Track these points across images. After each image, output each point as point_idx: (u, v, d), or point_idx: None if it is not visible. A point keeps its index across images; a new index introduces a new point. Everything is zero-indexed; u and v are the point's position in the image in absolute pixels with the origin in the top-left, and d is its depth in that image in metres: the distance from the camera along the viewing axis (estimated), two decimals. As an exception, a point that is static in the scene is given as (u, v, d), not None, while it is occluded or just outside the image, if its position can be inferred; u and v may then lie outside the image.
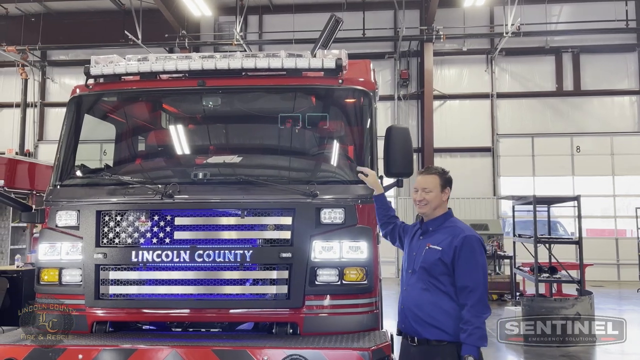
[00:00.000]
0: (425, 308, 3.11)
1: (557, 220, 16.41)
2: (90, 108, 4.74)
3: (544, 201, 9.75)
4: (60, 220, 4.09)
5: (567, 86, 18.30)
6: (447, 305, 3.11)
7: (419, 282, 3.18)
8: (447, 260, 3.11)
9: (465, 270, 3.08)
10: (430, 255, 3.17)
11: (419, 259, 3.23)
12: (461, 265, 3.08)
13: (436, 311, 3.08)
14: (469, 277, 3.07)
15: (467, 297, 3.04)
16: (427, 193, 3.27)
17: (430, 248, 3.19)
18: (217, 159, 4.55)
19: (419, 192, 3.31)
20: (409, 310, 3.19)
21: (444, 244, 3.17)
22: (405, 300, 3.23)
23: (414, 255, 3.31)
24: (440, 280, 3.12)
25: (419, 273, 3.20)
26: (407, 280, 3.28)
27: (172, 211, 3.96)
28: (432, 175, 3.34)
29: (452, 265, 3.11)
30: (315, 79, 4.46)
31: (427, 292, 3.14)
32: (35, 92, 19.75)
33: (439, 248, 3.16)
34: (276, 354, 3.42)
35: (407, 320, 3.22)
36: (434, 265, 3.13)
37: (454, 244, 3.13)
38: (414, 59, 18.91)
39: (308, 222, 3.92)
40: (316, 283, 3.88)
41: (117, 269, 3.97)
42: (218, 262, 3.88)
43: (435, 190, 3.29)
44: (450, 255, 3.11)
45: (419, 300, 3.15)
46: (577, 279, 8.44)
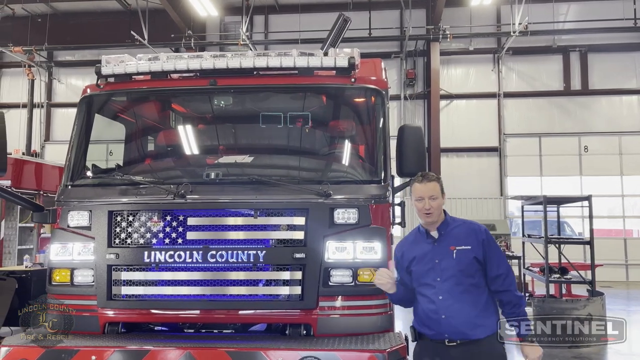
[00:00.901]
0: (469, 311, 3.11)
1: (564, 220, 16.32)
2: (101, 108, 4.72)
3: (554, 201, 9.67)
4: (72, 220, 4.06)
5: (574, 85, 18.19)
6: (485, 300, 3.17)
7: (457, 286, 3.13)
8: (480, 256, 3.17)
9: (497, 259, 3.20)
10: (463, 256, 3.15)
11: (450, 264, 3.16)
12: (492, 255, 3.19)
13: (479, 310, 3.13)
14: (502, 265, 3.20)
15: (504, 283, 3.16)
16: (433, 200, 3.22)
17: (459, 249, 3.16)
18: (229, 158, 4.52)
19: (425, 200, 3.22)
20: (452, 317, 3.11)
21: (470, 241, 3.18)
22: (445, 308, 3.12)
23: (436, 262, 3.20)
24: (475, 278, 3.16)
25: (455, 277, 3.14)
26: (439, 289, 3.16)
27: (185, 211, 3.93)
28: (433, 182, 3.27)
29: (484, 259, 3.17)
30: (327, 78, 4.42)
31: (466, 294, 3.13)
32: (42, 92, 19.82)
33: (468, 247, 3.16)
34: (291, 355, 3.39)
35: (450, 326, 3.11)
36: (470, 265, 3.15)
37: (480, 239, 3.19)
38: (420, 59, 18.85)
39: (321, 222, 3.88)
40: (330, 284, 3.84)
41: (130, 270, 3.94)
42: (231, 263, 3.85)
43: (439, 198, 3.25)
44: (480, 250, 3.17)
45: (462, 304, 3.11)
46: (588, 280, 8.37)
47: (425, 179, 3.28)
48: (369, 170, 4.30)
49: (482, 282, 3.19)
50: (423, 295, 3.23)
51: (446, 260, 3.18)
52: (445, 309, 3.12)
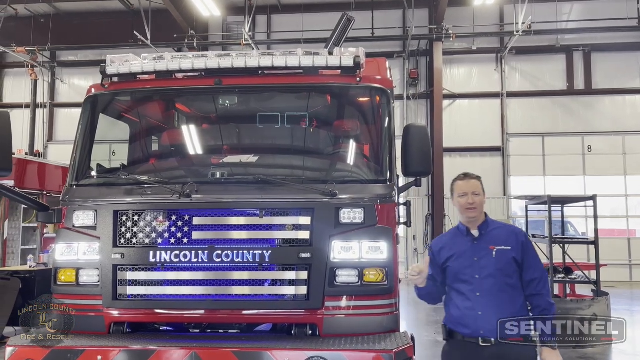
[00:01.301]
0: (507, 309, 3.18)
1: (567, 220, 16.28)
2: (105, 107, 4.72)
3: (558, 201, 9.65)
4: (78, 220, 4.06)
5: (578, 85, 18.15)
6: (521, 303, 3.24)
7: (495, 284, 3.21)
8: (519, 258, 3.25)
9: (534, 263, 3.29)
10: (503, 255, 3.24)
11: (490, 262, 3.25)
12: (530, 258, 3.28)
13: (515, 310, 3.20)
14: (537, 269, 3.29)
15: (538, 287, 3.24)
16: (476, 196, 3.33)
17: (499, 249, 3.26)
18: (234, 158, 4.51)
19: (469, 196, 3.33)
20: (489, 314, 3.17)
21: (510, 242, 3.27)
22: (481, 305, 3.20)
23: (475, 260, 3.28)
24: (513, 278, 3.24)
25: (494, 276, 3.22)
26: (477, 286, 3.24)
27: (190, 211, 3.93)
28: (475, 179, 3.40)
29: (522, 261, 3.26)
30: (332, 77, 4.41)
31: (504, 293, 3.21)
32: (45, 92, 19.84)
33: (508, 247, 3.25)
34: (297, 355, 3.38)
35: (487, 323, 3.17)
36: (509, 265, 3.23)
37: (520, 240, 3.29)
38: (423, 58, 18.83)
39: (327, 222, 3.87)
40: (336, 284, 3.83)
41: (135, 270, 3.93)
42: (237, 263, 3.84)
43: (481, 195, 3.36)
44: (520, 251, 3.26)
45: (498, 302, 3.19)
46: (593, 280, 8.34)
47: (467, 177, 3.42)
48: (375, 170, 4.29)
49: (518, 284, 3.26)
50: (459, 292, 3.30)
51: (486, 258, 3.26)
52: (482, 305, 3.20)
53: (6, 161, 3.87)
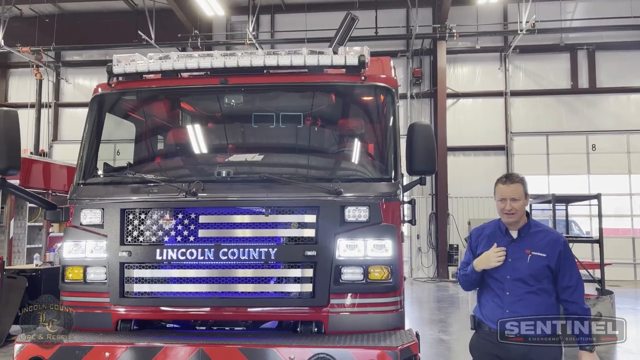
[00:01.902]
0: (534, 311, 3.25)
1: (571, 219, 16.26)
2: (112, 107, 4.74)
3: (563, 200, 9.64)
4: (85, 218, 4.08)
5: (582, 84, 18.12)
6: (549, 304, 3.29)
7: (525, 287, 3.27)
8: (553, 265, 3.27)
9: (570, 271, 3.29)
10: (536, 262, 3.27)
11: (523, 266, 3.29)
12: (566, 266, 3.28)
13: (541, 311, 3.26)
14: (573, 277, 3.30)
15: (573, 295, 3.26)
16: (515, 202, 3.30)
17: (534, 255, 3.28)
18: (239, 157, 4.53)
19: (507, 201, 3.31)
20: (517, 313, 3.26)
21: (547, 250, 3.28)
22: (509, 304, 3.29)
23: (509, 261, 3.32)
24: (543, 283, 3.28)
25: (525, 280, 3.27)
26: (508, 286, 3.31)
27: (197, 209, 3.95)
28: (516, 184, 3.34)
29: (557, 269, 3.28)
30: (337, 76, 4.42)
31: (532, 295, 3.27)
32: (50, 92, 19.93)
33: (543, 255, 3.27)
34: (303, 352, 3.40)
35: (514, 321, 3.27)
36: (541, 271, 3.26)
37: (557, 249, 3.28)
38: (426, 57, 18.84)
39: (332, 220, 3.89)
40: (341, 281, 3.84)
41: (142, 267, 3.96)
42: (242, 260, 3.86)
43: (521, 199, 3.32)
44: (555, 260, 3.26)
45: (526, 303, 3.26)
46: (597, 279, 8.33)
47: (508, 180, 3.36)
48: (380, 168, 4.30)
49: (549, 288, 3.30)
50: (490, 287, 3.38)
51: (520, 261, 3.30)
52: (510, 305, 3.28)
53: (15, 160, 3.91)
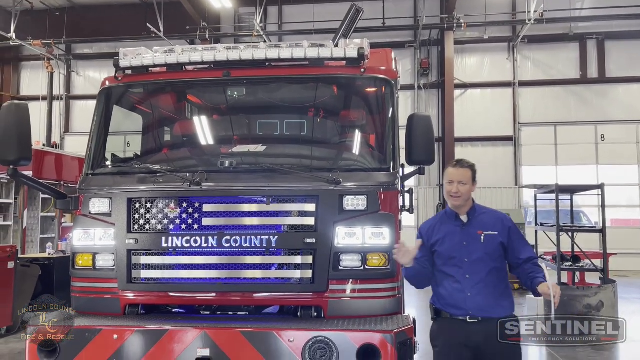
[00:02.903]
0: (492, 291, 3.37)
1: (580, 209, 16.23)
2: (119, 99, 4.88)
3: (567, 190, 9.66)
4: (94, 207, 4.23)
5: (591, 73, 18.00)
6: (505, 284, 3.45)
7: (483, 268, 3.37)
8: (505, 241, 3.41)
9: (524, 245, 3.48)
10: (491, 240, 3.40)
11: (478, 247, 3.39)
12: (519, 241, 3.46)
13: (500, 291, 3.40)
14: (529, 249, 3.49)
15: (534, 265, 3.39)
16: (462, 186, 3.42)
17: (487, 234, 3.41)
18: (242, 147, 4.64)
19: (454, 184, 3.43)
20: (477, 295, 3.35)
21: (497, 228, 3.43)
22: (470, 287, 3.36)
23: (464, 245, 3.43)
24: (499, 262, 3.40)
25: (483, 260, 3.37)
26: (466, 269, 3.39)
27: (200, 198, 4.08)
28: (465, 168, 3.48)
29: (509, 244, 3.42)
30: (337, 68, 4.51)
31: (491, 275, 3.37)
32: (61, 85, 20.19)
33: (495, 232, 3.41)
34: (302, 335, 3.53)
35: (474, 303, 3.35)
36: (496, 249, 3.39)
37: (507, 225, 3.45)
38: (434, 48, 18.79)
39: (331, 208, 3.99)
40: (340, 268, 3.96)
41: (148, 254, 4.10)
42: (245, 248, 3.99)
43: (469, 184, 3.45)
44: (506, 236, 3.41)
45: (486, 284, 3.35)
46: (600, 268, 8.38)
47: (458, 165, 3.52)
48: (378, 159, 4.40)
49: (504, 267, 3.43)
50: (448, 274, 3.44)
51: (474, 243, 3.41)
52: (471, 287, 3.37)
53: (26, 151, 4.05)
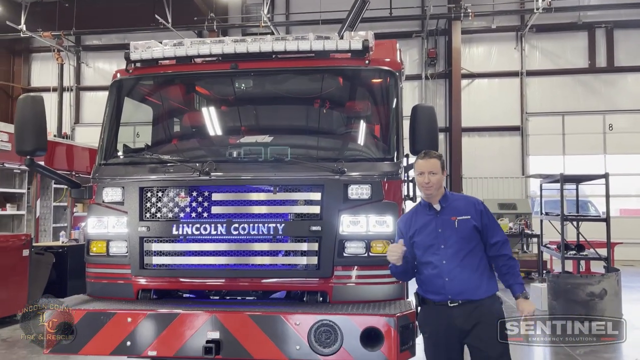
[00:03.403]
0: (470, 273, 3.45)
1: (587, 199, 16.23)
2: (130, 91, 5.01)
3: (572, 179, 9.71)
4: (107, 196, 4.39)
5: (600, 63, 17.90)
6: (483, 265, 3.52)
7: (459, 252, 3.46)
8: (479, 225, 3.50)
9: (494, 228, 3.57)
10: (464, 225, 3.49)
11: (452, 233, 3.49)
12: (490, 224, 3.55)
13: (478, 273, 3.48)
14: (499, 233, 3.57)
15: (502, 249, 3.52)
16: (433, 175, 3.53)
17: (460, 219, 3.51)
18: (249, 138, 4.76)
19: (425, 175, 3.54)
20: (455, 280, 3.44)
21: (470, 212, 3.52)
22: (448, 272, 3.46)
23: (440, 232, 3.52)
24: (474, 245, 3.49)
25: (457, 244, 3.47)
26: (442, 255, 3.48)
27: (210, 187, 4.22)
28: (434, 159, 3.59)
29: (482, 228, 3.51)
30: (342, 60, 4.60)
31: (467, 259, 3.46)
32: (71, 76, 20.39)
33: (468, 217, 3.50)
34: (308, 319, 3.66)
35: (453, 288, 3.44)
36: (470, 233, 3.49)
37: (478, 209, 3.55)
38: (441, 38, 18.75)
39: (336, 197, 4.11)
40: (344, 255, 4.09)
41: (160, 241, 4.26)
42: (252, 235, 4.13)
43: (439, 173, 3.56)
44: (479, 219, 3.51)
45: (463, 268, 3.45)
46: (604, 257, 8.45)
47: (427, 156, 3.62)
48: (382, 149, 4.51)
49: (480, 249, 3.52)
50: (427, 262, 3.53)
51: (449, 229, 3.51)
52: (449, 272, 3.46)
53: (42, 142, 4.21)
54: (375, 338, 3.62)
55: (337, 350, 3.62)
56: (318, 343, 3.63)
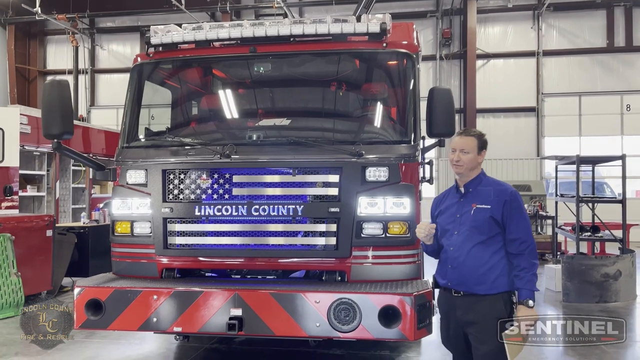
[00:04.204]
0: (475, 266, 3.23)
1: (603, 181, 16.13)
2: (150, 75, 5.09)
3: (588, 161, 9.67)
4: (131, 178, 4.51)
5: (618, 42, 17.59)
6: (494, 260, 3.23)
7: (468, 241, 3.25)
8: (498, 217, 3.23)
9: (516, 223, 3.23)
10: (480, 214, 3.25)
11: (467, 220, 3.28)
12: (512, 218, 3.23)
13: (486, 267, 3.22)
14: (521, 229, 3.23)
15: (520, 247, 3.19)
16: (464, 154, 3.32)
17: (478, 208, 3.26)
18: (268, 121, 4.84)
19: (456, 152, 3.34)
20: (458, 269, 3.27)
21: (492, 202, 3.25)
22: (454, 259, 3.29)
23: (457, 217, 3.34)
24: (489, 237, 3.24)
25: (468, 232, 3.26)
26: (454, 241, 3.32)
27: (230, 170, 4.33)
28: (470, 137, 3.37)
29: (502, 220, 3.23)
30: (360, 43, 4.63)
31: (476, 250, 3.24)
32: (86, 59, 20.52)
33: (488, 206, 3.24)
34: (327, 297, 3.79)
35: (456, 277, 3.29)
36: (485, 223, 3.23)
37: (502, 199, 3.24)
38: (456, 17, 18.51)
39: (354, 179, 4.20)
40: (362, 235, 4.19)
41: (183, 222, 4.39)
42: (272, 216, 4.24)
43: (472, 153, 3.32)
44: (500, 211, 3.23)
45: (468, 258, 3.24)
46: (619, 238, 8.46)
47: (464, 133, 3.40)
48: (399, 131, 4.56)
49: (496, 243, 3.24)
50: (442, 245, 3.42)
51: (465, 215, 3.30)
52: (453, 260, 3.30)
53: (68, 125, 4.32)
54: (393, 316, 3.74)
55: (355, 328, 3.75)
56: (337, 320, 3.76)
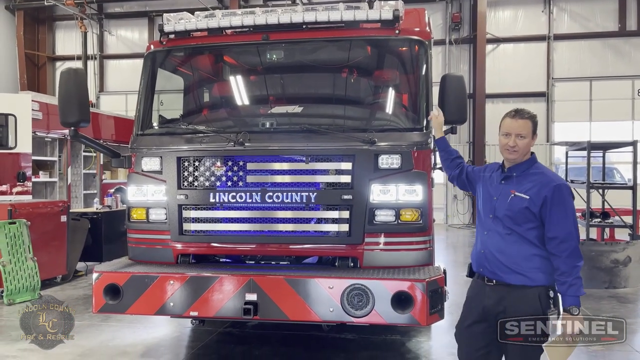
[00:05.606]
0: (508, 254, 3.03)
1: (613, 166, 16.05)
2: (163, 63, 5.12)
3: (599, 147, 9.62)
4: (146, 165, 4.57)
5: (630, 26, 17.36)
6: (531, 252, 3.01)
7: (503, 228, 3.05)
8: (535, 210, 2.97)
9: (556, 221, 2.94)
10: (517, 203, 3.01)
11: (503, 206, 3.06)
12: (552, 215, 2.95)
13: (520, 258, 3.01)
14: (560, 228, 2.93)
15: (558, 248, 2.92)
16: (521, 139, 3.01)
17: (516, 196, 3.02)
18: (281, 109, 4.88)
19: (512, 137, 3.01)
20: (491, 255, 3.08)
21: (532, 192, 2.98)
22: (487, 244, 3.12)
23: (494, 200, 3.11)
24: (525, 228, 3.01)
25: (503, 220, 3.05)
26: (488, 225, 3.13)
27: (244, 157, 4.37)
28: (525, 119, 3.03)
29: (540, 215, 2.97)
30: (372, 30, 4.64)
31: (510, 238, 3.03)
32: (94, 44, 20.53)
33: (526, 197, 2.98)
34: (340, 282, 3.86)
35: (488, 263, 3.10)
36: (520, 214, 3.00)
37: (543, 194, 2.96)
38: (466, 1, 18.33)
39: (367, 167, 4.23)
40: (375, 222, 4.24)
41: (198, 209, 4.45)
42: (286, 203, 4.29)
43: (528, 137, 3.02)
44: (538, 204, 2.96)
45: (503, 246, 3.04)
46: (629, 224, 8.46)
47: (518, 115, 3.04)
48: (412, 118, 4.58)
49: (533, 237, 3.00)
50: (478, 226, 3.27)
51: (502, 201, 3.08)
52: (486, 244, 3.12)
53: (85, 113, 4.38)
54: (406, 301, 3.80)
55: (368, 313, 3.82)
56: (351, 305, 3.83)
